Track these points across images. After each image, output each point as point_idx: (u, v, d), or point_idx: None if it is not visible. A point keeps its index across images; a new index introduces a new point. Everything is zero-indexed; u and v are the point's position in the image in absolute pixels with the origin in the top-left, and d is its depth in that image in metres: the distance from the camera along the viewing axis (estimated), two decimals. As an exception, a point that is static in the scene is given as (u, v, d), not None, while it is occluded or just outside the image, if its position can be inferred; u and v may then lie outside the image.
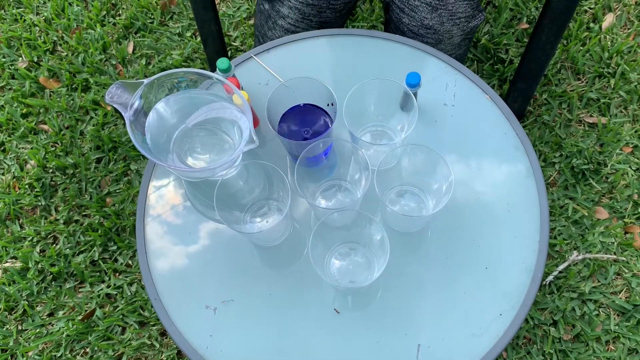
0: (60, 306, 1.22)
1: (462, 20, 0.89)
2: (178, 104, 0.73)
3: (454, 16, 0.87)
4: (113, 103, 0.68)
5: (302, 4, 0.90)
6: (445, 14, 0.87)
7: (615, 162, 1.28)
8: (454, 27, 0.89)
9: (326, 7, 0.90)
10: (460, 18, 0.88)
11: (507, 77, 1.38)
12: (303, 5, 0.90)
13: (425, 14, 0.87)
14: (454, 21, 0.88)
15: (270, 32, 0.96)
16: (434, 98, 0.80)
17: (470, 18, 0.90)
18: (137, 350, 1.17)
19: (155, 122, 0.72)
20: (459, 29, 0.89)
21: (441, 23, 0.88)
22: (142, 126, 0.70)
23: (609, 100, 1.35)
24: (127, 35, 1.49)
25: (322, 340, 0.68)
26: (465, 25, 0.90)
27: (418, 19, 0.88)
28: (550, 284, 1.18)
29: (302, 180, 0.71)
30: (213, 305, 0.71)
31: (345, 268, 0.70)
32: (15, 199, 1.30)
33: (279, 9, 0.93)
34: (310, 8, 0.90)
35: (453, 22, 0.88)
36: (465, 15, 0.89)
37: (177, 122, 0.74)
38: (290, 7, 0.91)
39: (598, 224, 1.23)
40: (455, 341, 0.68)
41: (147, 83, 0.69)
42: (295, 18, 0.92)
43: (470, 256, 0.72)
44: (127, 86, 0.69)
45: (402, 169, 0.72)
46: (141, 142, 0.68)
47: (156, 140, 0.71)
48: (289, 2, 0.91)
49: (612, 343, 1.15)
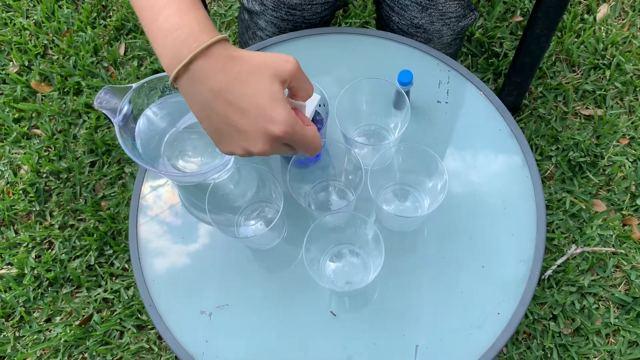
0: (58, 312, 1.21)
1: (453, 20, 0.88)
2: (169, 107, 0.72)
3: (444, 16, 0.87)
4: (102, 108, 0.67)
5: (278, 19, 0.89)
6: (435, 13, 0.86)
7: (612, 154, 1.28)
8: (444, 27, 0.88)
9: (301, 22, 0.90)
10: (451, 18, 0.87)
11: (502, 70, 1.37)
12: (278, 20, 0.89)
13: (415, 13, 0.86)
14: (444, 21, 0.87)
15: (250, 41, 0.96)
16: (427, 95, 0.79)
17: (461, 17, 0.89)
18: (135, 355, 1.16)
19: (146, 126, 0.71)
20: (449, 28, 0.89)
21: (431, 22, 0.87)
22: (131, 131, 0.69)
23: (605, 92, 1.34)
24: (118, 37, 1.48)
25: (319, 343, 0.68)
26: (455, 24, 0.89)
27: (408, 18, 0.87)
28: (549, 278, 1.18)
29: (295, 182, 0.70)
30: (208, 311, 0.70)
31: (341, 269, 0.70)
32: (10, 205, 1.29)
33: (257, 21, 0.92)
34: (285, 23, 0.90)
35: (443, 22, 0.87)
36: (455, 15, 0.88)
37: (168, 125, 0.73)
38: (267, 21, 0.90)
39: (596, 217, 1.22)
40: (454, 341, 0.67)
41: (135, 87, 0.68)
42: (272, 31, 0.92)
43: (466, 254, 0.71)
44: (116, 91, 0.68)
45: (396, 168, 0.71)
46: (131, 148, 0.67)
47: (147, 145, 0.70)
48: (265, 16, 0.90)
49: (612, 336, 1.15)
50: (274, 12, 0.88)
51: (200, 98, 0.50)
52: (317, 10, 0.90)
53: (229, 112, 0.49)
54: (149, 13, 0.50)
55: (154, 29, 0.50)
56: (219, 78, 0.48)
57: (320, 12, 0.90)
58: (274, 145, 0.50)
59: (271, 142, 0.50)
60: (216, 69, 0.48)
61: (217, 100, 0.49)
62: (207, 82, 0.49)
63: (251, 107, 0.49)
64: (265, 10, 0.89)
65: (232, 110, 0.49)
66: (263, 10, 0.89)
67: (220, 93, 0.49)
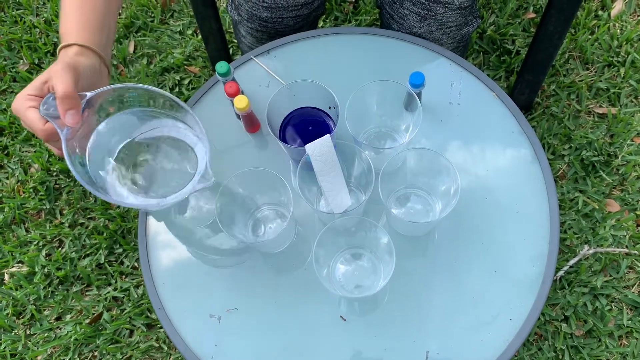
0: (68, 310, 1.21)
1: (453, 29, 0.87)
2: (124, 120, 0.66)
3: (443, 25, 0.85)
4: (48, 116, 0.60)
5: (253, 30, 0.93)
6: (434, 23, 0.85)
7: (626, 154, 1.26)
8: (444, 36, 0.87)
9: (274, 34, 0.92)
10: (451, 27, 0.86)
11: (514, 68, 1.36)
12: (253, 30, 0.93)
13: (414, 22, 0.85)
14: (444, 30, 0.86)
15: (240, 43, 1.01)
16: (439, 97, 0.78)
17: (462, 26, 0.88)
18: (145, 353, 1.17)
19: (99, 141, 0.65)
20: (449, 37, 0.87)
21: (430, 32, 0.86)
22: (82, 146, 0.63)
23: (619, 90, 1.32)
24: (127, 35, 1.48)
25: (328, 348, 0.67)
26: (455, 33, 0.88)
27: (407, 27, 0.86)
28: (561, 279, 1.17)
29: (305, 184, 0.69)
30: (217, 314, 0.70)
31: (351, 273, 0.69)
32: (20, 203, 1.30)
33: (239, 29, 0.97)
34: (260, 34, 0.93)
35: (443, 31, 0.86)
36: (456, 24, 0.86)
37: (121, 138, 0.67)
38: (245, 30, 0.95)
39: (609, 217, 1.21)
40: (465, 347, 0.66)
41: (90, 97, 0.62)
42: (252, 40, 0.96)
43: (478, 259, 0.70)
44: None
45: (407, 171, 0.70)
46: (78, 164, 0.61)
47: (98, 162, 0.65)
48: (242, 26, 0.94)
49: (625, 338, 1.13)
50: (249, 23, 0.92)
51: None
52: (289, 23, 0.91)
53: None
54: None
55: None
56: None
57: (292, 24, 0.92)
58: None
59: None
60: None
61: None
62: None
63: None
64: (242, 20, 0.93)
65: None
66: (240, 20, 0.93)
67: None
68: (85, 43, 0.65)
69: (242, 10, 0.91)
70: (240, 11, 0.91)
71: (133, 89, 0.64)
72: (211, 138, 0.66)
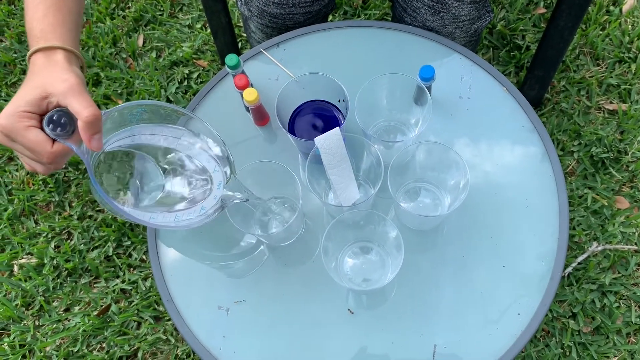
0: (76, 301, 1.22)
1: (466, 22, 0.86)
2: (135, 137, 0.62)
3: (457, 19, 0.85)
4: (57, 137, 0.55)
5: (263, 26, 0.93)
6: (447, 17, 0.85)
7: (636, 150, 1.25)
8: (457, 30, 0.86)
9: (285, 30, 0.92)
10: (464, 21, 0.86)
11: (524, 64, 1.35)
12: (263, 26, 0.93)
13: (427, 16, 0.85)
14: (457, 24, 0.86)
15: (250, 39, 1.01)
16: (449, 90, 0.78)
17: (475, 20, 0.87)
18: (152, 345, 1.17)
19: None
20: (462, 31, 0.87)
21: (443, 25, 0.85)
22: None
23: (630, 86, 1.31)
24: (137, 28, 1.48)
25: (335, 341, 0.67)
26: (469, 27, 0.87)
27: (420, 20, 0.86)
28: (569, 276, 1.16)
29: (314, 177, 0.69)
30: (226, 306, 0.70)
31: (359, 267, 0.69)
32: (30, 195, 1.31)
33: (249, 24, 0.97)
34: (270, 29, 0.93)
35: (456, 25, 0.86)
36: (469, 18, 0.86)
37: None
38: (255, 26, 0.95)
39: (618, 214, 1.20)
40: (472, 341, 0.66)
41: (105, 118, 0.57)
42: (261, 36, 0.96)
43: (487, 253, 0.70)
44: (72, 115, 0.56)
45: (417, 165, 0.70)
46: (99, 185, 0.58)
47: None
48: (252, 22, 0.94)
49: (633, 335, 1.13)
50: (259, 19, 0.92)
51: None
52: (299, 20, 0.91)
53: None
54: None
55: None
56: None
57: (303, 21, 0.91)
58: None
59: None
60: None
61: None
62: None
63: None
64: (252, 16, 0.93)
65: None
66: (250, 16, 0.93)
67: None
68: (73, 49, 0.60)
69: (252, 6, 0.91)
70: (251, 7, 0.91)
71: (143, 105, 0.61)
72: (220, 131, 0.66)
